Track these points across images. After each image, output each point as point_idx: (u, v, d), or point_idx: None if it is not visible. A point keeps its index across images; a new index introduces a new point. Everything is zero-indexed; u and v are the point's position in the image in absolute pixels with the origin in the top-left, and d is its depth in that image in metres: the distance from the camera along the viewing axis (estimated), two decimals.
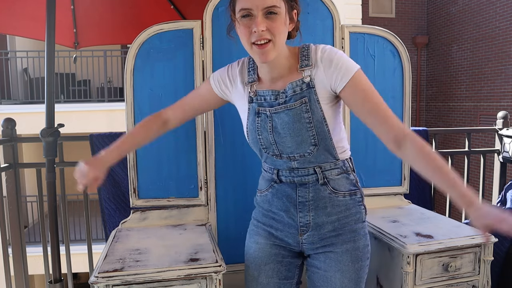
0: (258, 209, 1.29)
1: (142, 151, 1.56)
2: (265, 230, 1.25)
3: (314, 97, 1.12)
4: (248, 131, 1.20)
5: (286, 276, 1.23)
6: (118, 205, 1.83)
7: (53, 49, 1.65)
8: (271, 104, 1.15)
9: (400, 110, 1.72)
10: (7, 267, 1.96)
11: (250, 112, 1.19)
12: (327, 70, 1.11)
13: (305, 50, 1.15)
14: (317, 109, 1.12)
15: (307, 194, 1.17)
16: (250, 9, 1.05)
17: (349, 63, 1.12)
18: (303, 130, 1.12)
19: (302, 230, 1.19)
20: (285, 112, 1.13)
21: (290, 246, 1.22)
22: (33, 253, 3.67)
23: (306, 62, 1.13)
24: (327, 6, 1.61)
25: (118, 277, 1.10)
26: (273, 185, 1.23)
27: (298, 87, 1.13)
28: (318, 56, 1.12)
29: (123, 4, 2.30)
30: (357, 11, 5.90)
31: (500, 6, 7.40)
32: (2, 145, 1.89)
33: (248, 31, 1.07)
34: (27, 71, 7.81)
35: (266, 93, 1.16)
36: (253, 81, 1.19)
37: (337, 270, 1.16)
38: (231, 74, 1.24)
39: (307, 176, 1.17)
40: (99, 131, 1.94)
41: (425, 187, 2.13)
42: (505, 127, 2.30)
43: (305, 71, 1.13)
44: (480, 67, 7.98)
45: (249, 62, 1.22)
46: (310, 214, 1.17)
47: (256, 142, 1.19)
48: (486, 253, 1.36)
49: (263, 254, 1.23)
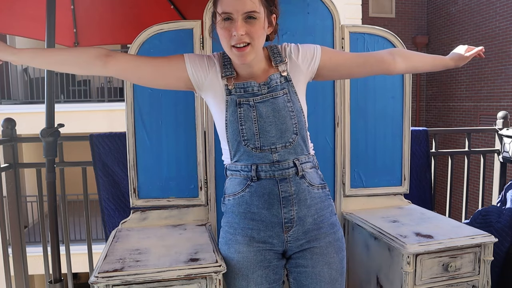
0: (231, 215, 1.23)
1: (142, 151, 1.57)
2: (244, 236, 1.20)
3: (292, 89, 1.21)
4: (227, 122, 1.20)
5: (274, 279, 1.21)
6: (117, 205, 1.83)
7: None
8: (254, 94, 1.19)
9: (400, 110, 1.72)
10: (7, 267, 1.97)
11: (229, 104, 1.20)
12: (300, 56, 1.23)
13: (274, 49, 1.24)
14: (296, 100, 1.21)
15: (289, 188, 1.18)
16: (230, 13, 1.09)
17: (311, 45, 1.25)
18: (287, 118, 1.18)
19: (286, 227, 1.18)
20: (271, 101, 1.18)
21: (274, 247, 1.20)
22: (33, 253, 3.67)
23: (279, 58, 1.22)
24: (327, 6, 1.61)
25: (118, 277, 1.10)
26: (250, 184, 1.19)
27: (278, 79, 1.21)
28: (287, 51, 1.24)
29: (123, 4, 2.30)
30: (357, 11, 5.90)
31: (500, 6, 7.40)
32: (2, 145, 1.89)
33: (228, 34, 1.11)
34: (27, 71, 7.81)
35: (247, 85, 1.20)
36: (231, 74, 1.21)
37: (324, 263, 1.20)
38: (207, 62, 1.23)
39: (288, 170, 1.18)
40: (99, 131, 1.94)
41: (425, 187, 2.13)
42: (505, 127, 2.30)
43: (280, 66, 1.22)
44: (480, 67, 7.98)
45: (223, 57, 1.24)
46: (294, 208, 1.18)
47: (236, 134, 1.18)
48: (486, 253, 1.36)
49: (249, 263, 1.18)
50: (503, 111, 2.35)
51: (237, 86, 1.20)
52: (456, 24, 8.66)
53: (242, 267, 1.18)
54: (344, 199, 1.70)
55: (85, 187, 2.01)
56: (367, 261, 1.54)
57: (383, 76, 1.70)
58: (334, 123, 1.67)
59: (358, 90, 1.69)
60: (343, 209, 1.71)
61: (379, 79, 1.70)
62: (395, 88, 1.72)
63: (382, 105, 1.71)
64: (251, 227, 1.19)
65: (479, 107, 8.09)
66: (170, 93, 1.55)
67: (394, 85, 1.71)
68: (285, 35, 1.59)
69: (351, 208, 1.71)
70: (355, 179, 1.72)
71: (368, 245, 1.52)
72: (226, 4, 1.10)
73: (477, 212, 1.92)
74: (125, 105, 1.55)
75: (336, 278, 1.21)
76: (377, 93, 1.70)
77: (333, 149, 1.68)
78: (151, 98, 1.55)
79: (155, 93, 1.55)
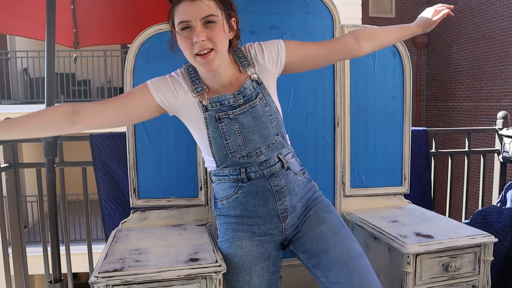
0: (228, 217, 1.25)
1: (142, 151, 1.57)
2: (245, 232, 1.22)
3: (265, 92, 1.21)
4: (211, 139, 1.19)
5: (273, 271, 1.24)
6: (117, 205, 1.83)
7: (53, 49, 1.65)
8: (231, 106, 1.18)
9: (400, 110, 1.72)
10: (7, 267, 1.97)
11: (208, 121, 1.18)
12: (266, 57, 1.21)
13: (239, 52, 1.22)
14: (271, 102, 1.22)
15: (280, 181, 1.21)
16: (188, 21, 1.08)
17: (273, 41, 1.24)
18: (268, 123, 1.19)
19: (283, 217, 1.22)
20: (250, 110, 1.18)
21: (274, 238, 1.24)
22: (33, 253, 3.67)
23: (246, 62, 1.21)
24: (327, 6, 1.61)
25: (118, 277, 1.10)
26: (242, 185, 1.21)
27: (251, 85, 1.20)
28: (252, 53, 1.22)
29: (123, 4, 2.30)
30: (357, 11, 5.90)
31: (500, 6, 7.40)
32: (2, 145, 1.89)
33: (190, 43, 1.10)
34: (27, 71, 7.81)
35: (222, 98, 1.18)
36: (202, 90, 1.18)
37: (319, 223, 1.23)
38: (173, 84, 1.19)
39: (274, 165, 1.21)
40: (99, 131, 1.94)
41: (425, 187, 2.13)
42: (505, 127, 2.30)
43: (249, 70, 1.21)
44: (480, 67, 7.97)
45: (189, 72, 1.21)
46: (286, 199, 1.22)
47: (222, 148, 1.18)
48: (486, 253, 1.36)
49: (251, 256, 1.21)
50: (503, 111, 2.35)
51: (212, 100, 1.18)
52: (456, 24, 8.66)
53: (245, 261, 1.21)
54: (344, 199, 1.70)
55: (85, 187, 2.01)
56: None
57: (383, 76, 1.70)
58: (334, 123, 1.67)
59: (358, 90, 1.69)
60: (343, 209, 1.71)
61: (379, 79, 1.70)
62: (395, 88, 1.72)
63: (382, 105, 1.71)
64: (250, 224, 1.23)
65: (479, 107, 8.09)
66: None
67: (394, 85, 1.71)
68: (285, 35, 1.59)
69: (351, 208, 1.71)
70: (355, 179, 1.72)
71: (368, 245, 1.52)
72: (181, 12, 1.09)
73: (477, 212, 1.92)
74: None
75: (339, 229, 1.22)
76: (377, 93, 1.70)
77: (333, 149, 1.68)
78: None
79: None
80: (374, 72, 1.69)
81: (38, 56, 7.39)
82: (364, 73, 1.68)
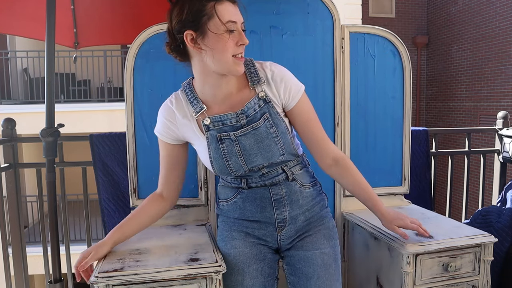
0: (227, 218, 1.28)
1: (142, 151, 1.56)
2: (240, 232, 1.25)
3: (273, 111, 1.16)
4: (212, 159, 1.18)
5: (269, 273, 1.23)
6: (117, 205, 1.83)
7: (53, 49, 1.65)
8: (233, 127, 1.16)
9: (400, 110, 1.72)
10: (7, 267, 1.97)
11: (210, 141, 1.17)
12: (279, 89, 1.17)
13: (251, 67, 1.18)
14: (280, 122, 1.17)
15: (281, 190, 1.20)
16: (235, 22, 1.09)
17: (297, 83, 1.19)
18: (272, 145, 1.15)
19: (279, 226, 1.22)
20: (252, 132, 1.14)
21: (268, 244, 1.25)
22: (33, 253, 3.67)
23: (256, 79, 1.16)
24: (327, 6, 1.61)
25: (118, 277, 1.10)
26: (242, 191, 1.22)
27: (256, 105, 1.15)
28: (268, 74, 1.17)
29: (123, 4, 2.30)
30: (357, 11, 5.90)
31: (500, 6, 7.40)
32: (2, 145, 1.89)
33: (233, 44, 1.09)
34: (27, 71, 7.81)
35: (224, 117, 1.15)
36: (201, 109, 1.17)
37: (315, 248, 1.22)
38: (169, 117, 1.21)
39: (277, 176, 1.20)
40: (99, 131, 1.94)
41: (425, 187, 2.13)
42: (505, 127, 2.30)
43: (257, 87, 1.16)
44: (480, 67, 7.98)
45: (186, 95, 1.20)
46: (286, 209, 1.21)
47: (224, 168, 1.18)
48: (486, 253, 1.36)
49: (245, 257, 1.22)
50: (503, 111, 2.35)
51: (214, 119, 1.16)
52: (456, 24, 8.66)
53: (238, 261, 1.22)
54: (344, 199, 1.70)
55: (85, 187, 2.01)
56: (367, 261, 1.54)
57: (383, 76, 1.70)
58: (334, 123, 1.67)
59: (358, 90, 1.68)
60: (343, 209, 1.71)
61: (379, 79, 1.70)
62: (396, 88, 1.72)
63: (382, 105, 1.71)
64: (246, 226, 1.24)
65: (479, 107, 8.09)
66: (170, 93, 1.54)
67: (394, 85, 1.71)
68: (285, 35, 1.59)
69: (351, 208, 1.71)
70: None
71: (368, 245, 1.52)
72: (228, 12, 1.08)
73: (477, 212, 1.92)
74: (125, 105, 1.55)
75: (330, 263, 1.22)
76: (377, 93, 1.70)
77: None
78: (151, 98, 1.55)
79: (155, 93, 1.55)
80: (374, 72, 1.69)
81: (38, 56, 7.39)
82: (364, 73, 1.68)
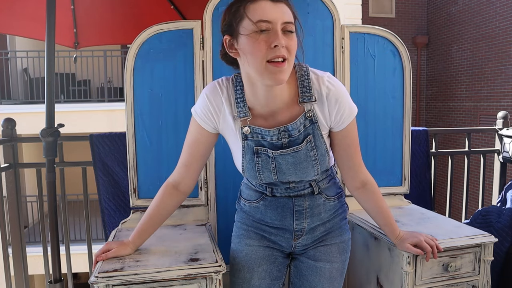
0: (246, 216, 1.26)
1: (142, 151, 1.56)
2: (256, 234, 1.24)
3: (317, 132, 1.08)
4: (244, 168, 1.13)
5: (276, 276, 1.23)
6: (117, 205, 1.83)
7: (53, 49, 1.65)
8: (273, 145, 1.09)
9: (400, 110, 1.72)
10: (7, 267, 1.96)
11: (245, 150, 1.10)
12: (331, 109, 1.07)
13: (305, 80, 1.06)
14: (321, 144, 1.10)
15: (304, 202, 1.19)
16: (269, 21, 0.95)
17: (351, 106, 1.10)
18: (309, 167, 1.11)
19: (296, 235, 1.21)
20: (292, 154, 1.08)
21: (282, 248, 1.24)
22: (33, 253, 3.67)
23: (308, 96, 1.06)
24: (327, 6, 1.61)
25: (118, 277, 1.10)
26: (265, 197, 1.21)
27: (301, 125, 1.07)
28: (322, 91, 1.06)
29: (123, 4, 2.30)
30: (357, 11, 5.90)
31: (500, 6, 7.40)
32: (2, 145, 1.89)
33: (265, 46, 0.95)
34: (27, 71, 7.81)
35: (265, 133, 1.07)
36: (245, 116, 1.07)
37: (326, 261, 1.20)
38: (214, 104, 1.10)
39: (303, 190, 1.18)
40: (99, 131, 1.94)
41: (425, 187, 2.13)
42: (505, 127, 2.30)
43: (306, 105, 1.07)
44: (480, 67, 7.98)
45: (235, 91, 1.08)
46: (306, 221, 1.20)
47: (255, 178, 1.14)
48: (486, 253, 1.36)
49: (256, 256, 1.22)
50: (503, 111, 2.35)
51: (254, 131, 1.07)
52: (456, 24, 8.66)
53: (250, 259, 1.22)
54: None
55: (85, 187, 2.01)
56: (367, 261, 1.53)
57: (383, 76, 1.70)
58: None
59: (358, 90, 1.68)
60: None
61: (379, 79, 1.70)
62: (396, 88, 1.72)
63: (382, 105, 1.71)
64: (263, 229, 1.23)
65: (479, 107, 8.09)
66: (170, 93, 1.55)
67: (394, 85, 1.71)
68: None
69: (351, 208, 1.70)
70: None
71: (368, 245, 1.52)
72: (261, 10, 0.95)
73: (477, 212, 1.92)
74: (125, 105, 1.55)
75: (336, 277, 1.22)
76: (377, 93, 1.70)
77: None
78: (151, 98, 1.55)
79: (155, 93, 1.55)
80: (374, 72, 1.69)
81: (38, 56, 7.39)
82: (364, 73, 1.68)
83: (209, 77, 1.55)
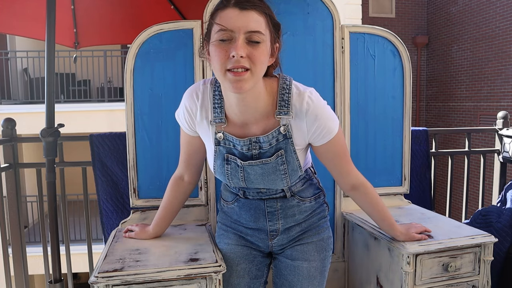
0: (226, 216, 1.29)
1: (142, 151, 1.56)
2: (235, 234, 1.27)
3: (290, 147, 1.07)
4: (215, 169, 1.16)
5: (256, 275, 1.24)
6: (115, 206, 1.83)
7: (53, 49, 1.65)
8: (243, 154, 1.09)
9: (400, 110, 1.72)
10: (7, 267, 1.96)
11: (217, 155, 1.12)
12: (310, 126, 1.05)
13: (285, 94, 1.04)
14: (293, 160, 1.09)
15: (276, 204, 1.20)
16: (230, 30, 0.92)
17: (332, 123, 1.06)
18: (277, 180, 1.12)
19: (272, 235, 1.23)
20: (260, 166, 1.09)
21: (260, 248, 1.26)
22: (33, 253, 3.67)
23: (285, 110, 1.03)
24: (327, 6, 1.61)
25: (118, 277, 1.10)
26: (239, 199, 1.23)
27: (274, 139, 1.06)
28: (303, 107, 1.03)
29: (123, 4, 2.30)
30: (357, 11, 5.90)
31: (500, 6, 7.40)
32: (2, 145, 1.89)
33: (225, 55, 0.93)
34: (27, 71, 7.81)
35: (237, 142, 1.07)
36: (220, 122, 1.07)
37: (304, 259, 1.21)
38: (190, 111, 1.10)
39: (275, 194, 1.19)
40: (99, 131, 1.94)
41: (425, 187, 2.13)
42: (505, 127, 2.30)
43: (283, 119, 1.05)
44: (480, 67, 7.97)
45: (214, 96, 1.07)
46: (279, 222, 1.21)
47: (224, 180, 1.19)
48: (486, 253, 1.36)
49: (235, 255, 1.23)
50: (503, 111, 2.35)
51: (227, 138, 1.08)
52: (456, 24, 8.66)
53: (228, 258, 1.23)
54: (344, 199, 1.70)
55: (85, 187, 2.01)
56: (367, 261, 1.54)
57: (383, 76, 1.70)
58: None
59: (358, 90, 1.68)
60: (343, 209, 1.71)
61: (379, 79, 1.70)
62: (395, 88, 1.72)
63: (382, 105, 1.71)
64: (240, 231, 1.26)
65: (479, 107, 8.09)
66: (170, 93, 1.55)
67: (394, 85, 1.71)
68: (285, 35, 1.59)
69: (351, 208, 1.71)
70: None
71: (368, 245, 1.52)
72: (225, 19, 0.93)
73: (477, 212, 1.92)
74: (125, 105, 1.55)
75: (315, 275, 1.22)
76: (377, 93, 1.70)
77: None
78: (151, 98, 1.55)
79: (155, 93, 1.55)
80: (374, 72, 1.69)
81: (38, 56, 7.38)
82: (364, 73, 1.68)
83: (209, 77, 1.55)
